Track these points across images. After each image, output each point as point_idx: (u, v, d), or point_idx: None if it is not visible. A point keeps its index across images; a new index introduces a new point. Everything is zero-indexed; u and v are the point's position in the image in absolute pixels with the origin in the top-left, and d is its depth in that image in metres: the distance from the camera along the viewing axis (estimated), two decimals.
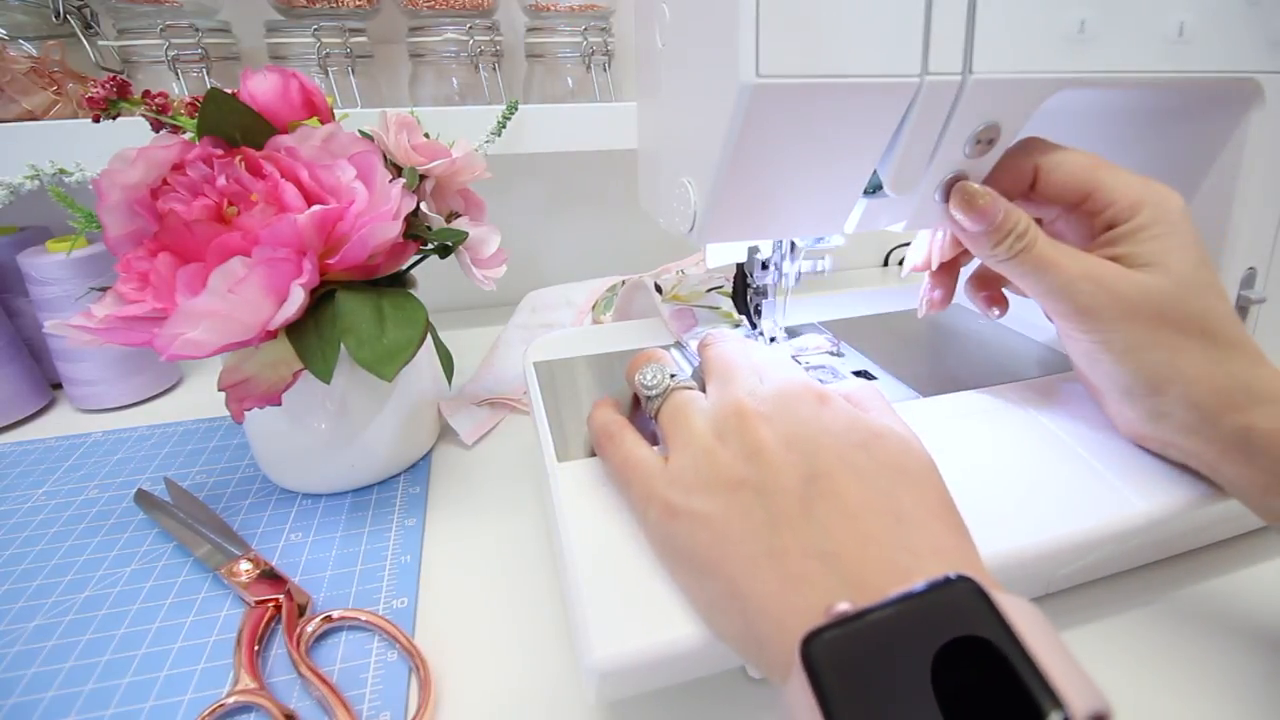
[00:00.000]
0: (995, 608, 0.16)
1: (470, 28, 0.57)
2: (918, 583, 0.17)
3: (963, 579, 0.17)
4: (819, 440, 0.23)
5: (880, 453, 0.23)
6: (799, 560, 0.21)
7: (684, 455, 0.25)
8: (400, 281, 0.42)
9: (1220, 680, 0.28)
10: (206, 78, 0.53)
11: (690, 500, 0.24)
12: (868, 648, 0.16)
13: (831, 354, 0.39)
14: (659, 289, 0.48)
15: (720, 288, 0.45)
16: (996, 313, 0.35)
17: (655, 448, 0.28)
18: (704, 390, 0.28)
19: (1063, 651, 0.16)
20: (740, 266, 0.38)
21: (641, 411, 0.30)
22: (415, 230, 0.39)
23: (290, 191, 0.32)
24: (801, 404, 0.25)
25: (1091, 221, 0.30)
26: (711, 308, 0.43)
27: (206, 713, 0.26)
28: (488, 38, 0.59)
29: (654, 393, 0.29)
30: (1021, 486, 0.29)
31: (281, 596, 0.32)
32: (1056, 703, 0.14)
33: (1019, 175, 0.31)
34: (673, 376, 0.29)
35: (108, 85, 0.35)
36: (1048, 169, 0.30)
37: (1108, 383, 0.30)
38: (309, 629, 0.30)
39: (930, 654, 0.16)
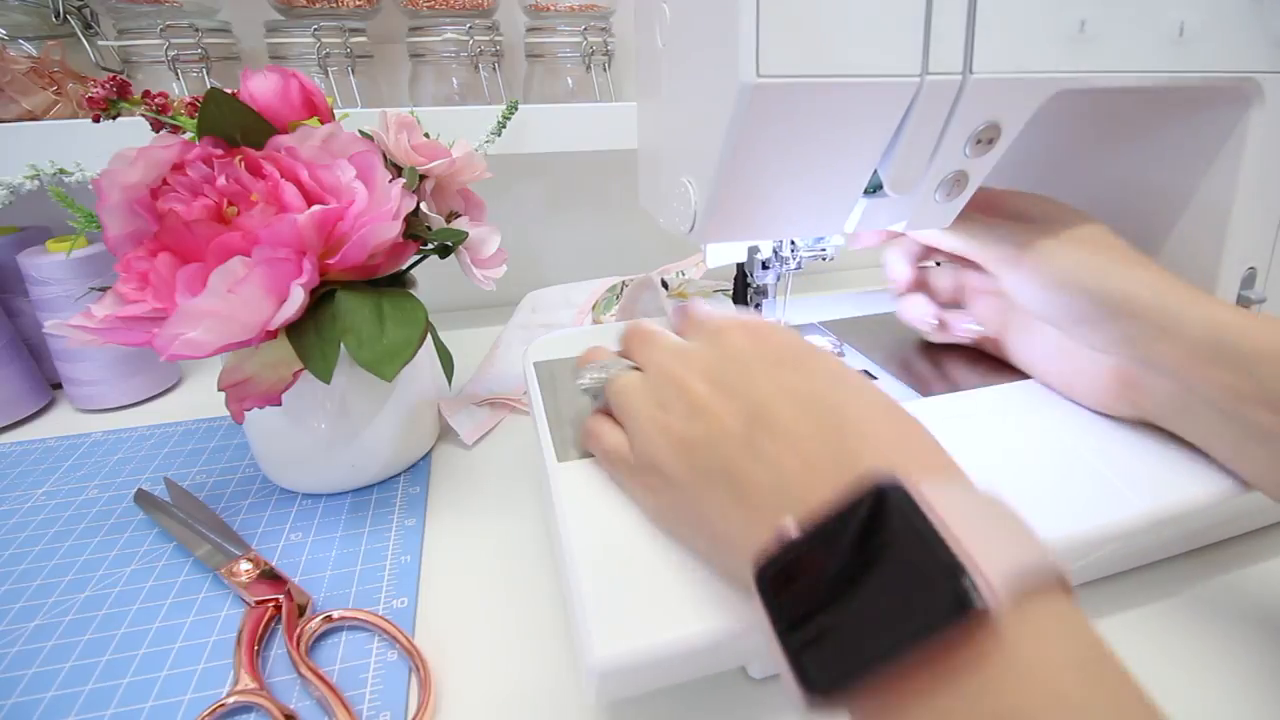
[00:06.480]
0: (909, 494, 0.17)
1: (470, 28, 0.57)
2: (852, 491, 0.18)
3: (883, 477, 0.18)
4: (750, 370, 0.24)
5: (815, 365, 0.24)
6: (758, 496, 0.21)
7: (641, 436, 0.26)
8: (400, 281, 0.42)
9: (1221, 682, 0.28)
10: (206, 78, 0.53)
11: (661, 473, 0.25)
12: (800, 561, 0.18)
13: (834, 355, 0.39)
14: (665, 285, 0.48)
15: (725, 290, 0.45)
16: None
17: None
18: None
19: (994, 521, 0.17)
20: (740, 266, 0.38)
21: None
22: (415, 230, 0.39)
23: (290, 191, 0.32)
24: (726, 339, 0.25)
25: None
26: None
27: (206, 713, 0.26)
28: (488, 38, 0.59)
29: (595, 392, 0.30)
30: (1021, 486, 0.28)
31: (281, 596, 0.32)
32: (962, 568, 0.15)
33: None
34: (605, 368, 0.29)
35: (108, 85, 0.35)
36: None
37: (1074, 325, 0.32)
38: (309, 629, 0.30)
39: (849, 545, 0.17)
